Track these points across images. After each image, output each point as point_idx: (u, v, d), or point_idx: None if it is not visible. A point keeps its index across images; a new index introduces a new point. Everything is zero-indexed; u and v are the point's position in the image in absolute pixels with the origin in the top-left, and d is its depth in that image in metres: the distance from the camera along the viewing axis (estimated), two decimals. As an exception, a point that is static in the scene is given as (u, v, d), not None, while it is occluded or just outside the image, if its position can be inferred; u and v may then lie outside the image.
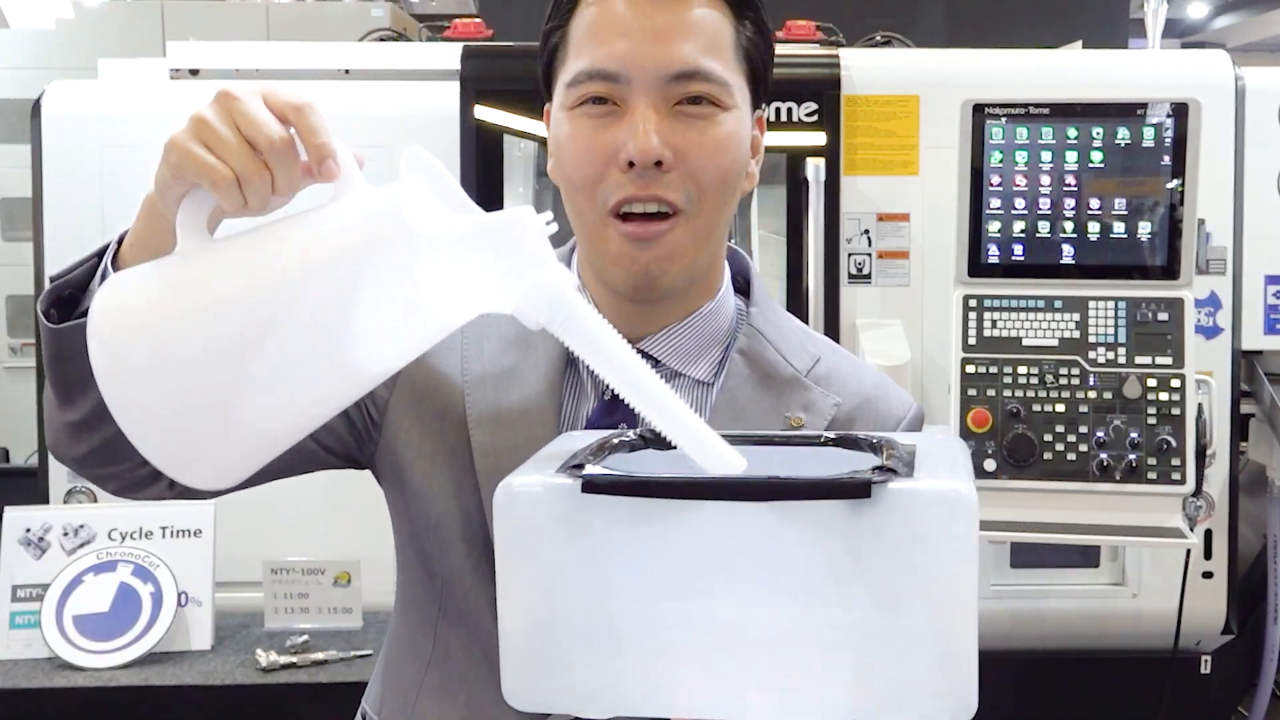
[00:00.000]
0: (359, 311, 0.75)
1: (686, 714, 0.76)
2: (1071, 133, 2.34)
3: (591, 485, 0.74)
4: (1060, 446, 2.30)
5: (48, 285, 0.90)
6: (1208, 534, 2.64)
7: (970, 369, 2.34)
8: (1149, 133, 2.32)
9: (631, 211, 0.98)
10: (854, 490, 0.71)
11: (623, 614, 0.75)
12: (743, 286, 1.14)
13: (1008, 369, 2.33)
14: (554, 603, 0.76)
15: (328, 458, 1.09)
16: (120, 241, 0.90)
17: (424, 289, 0.75)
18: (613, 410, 1.03)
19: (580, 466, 0.76)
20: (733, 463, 0.77)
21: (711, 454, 0.77)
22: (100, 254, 0.91)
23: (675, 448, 0.80)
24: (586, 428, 1.04)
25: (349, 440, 1.08)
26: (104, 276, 0.88)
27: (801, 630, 0.74)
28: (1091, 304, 2.33)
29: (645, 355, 1.03)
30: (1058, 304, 2.34)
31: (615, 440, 0.84)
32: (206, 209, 0.79)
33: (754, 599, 0.74)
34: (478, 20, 2.87)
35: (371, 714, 1.16)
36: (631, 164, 0.95)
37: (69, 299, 0.91)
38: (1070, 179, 2.35)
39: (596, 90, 0.97)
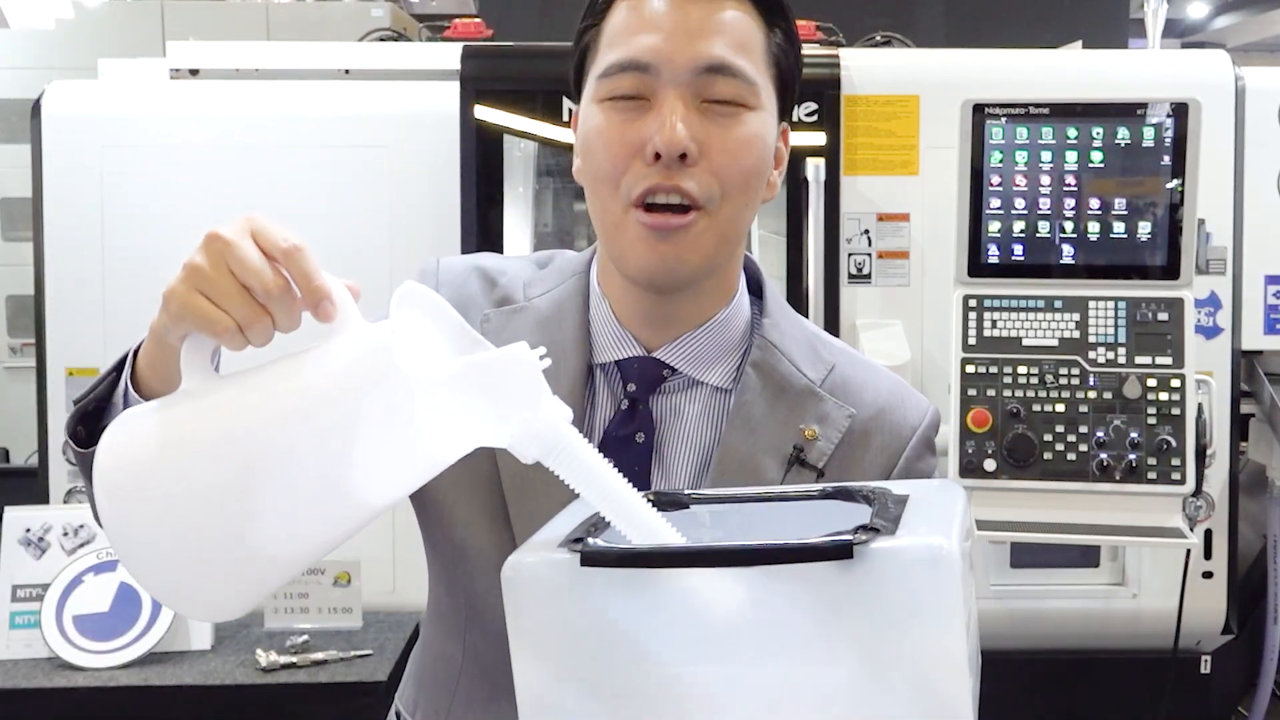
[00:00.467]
0: (356, 449, 0.77)
1: None
2: (1071, 133, 2.34)
3: (589, 559, 0.76)
4: (1060, 446, 2.30)
5: (71, 407, 0.91)
6: (1208, 534, 2.64)
7: (970, 369, 2.34)
8: (1149, 133, 2.32)
9: (654, 203, 0.97)
10: (836, 552, 0.72)
11: (626, 677, 0.78)
12: (756, 291, 1.14)
13: (1008, 369, 2.33)
14: (563, 669, 0.79)
15: None
16: (137, 352, 0.90)
17: (418, 427, 0.78)
18: (630, 419, 1.04)
19: (580, 540, 0.78)
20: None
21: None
22: (119, 367, 0.91)
23: (685, 508, 0.84)
24: (604, 436, 1.05)
25: None
26: (125, 392, 0.89)
27: (794, 687, 0.76)
28: (1091, 304, 2.33)
29: (662, 364, 1.05)
30: (1058, 304, 2.34)
31: None
32: (209, 348, 0.80)
33: (747, 658, 0.76)
34: (478, 20, 2.87)
35: (406, 715, 1.17)
36: (658, 156, 0.95)
37: (95, 411, 0.92)
38: (1070, 179, 2.35)
39: (627, 83, 0.98)
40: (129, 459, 0.79)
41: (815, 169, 2.59)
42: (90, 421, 0.91)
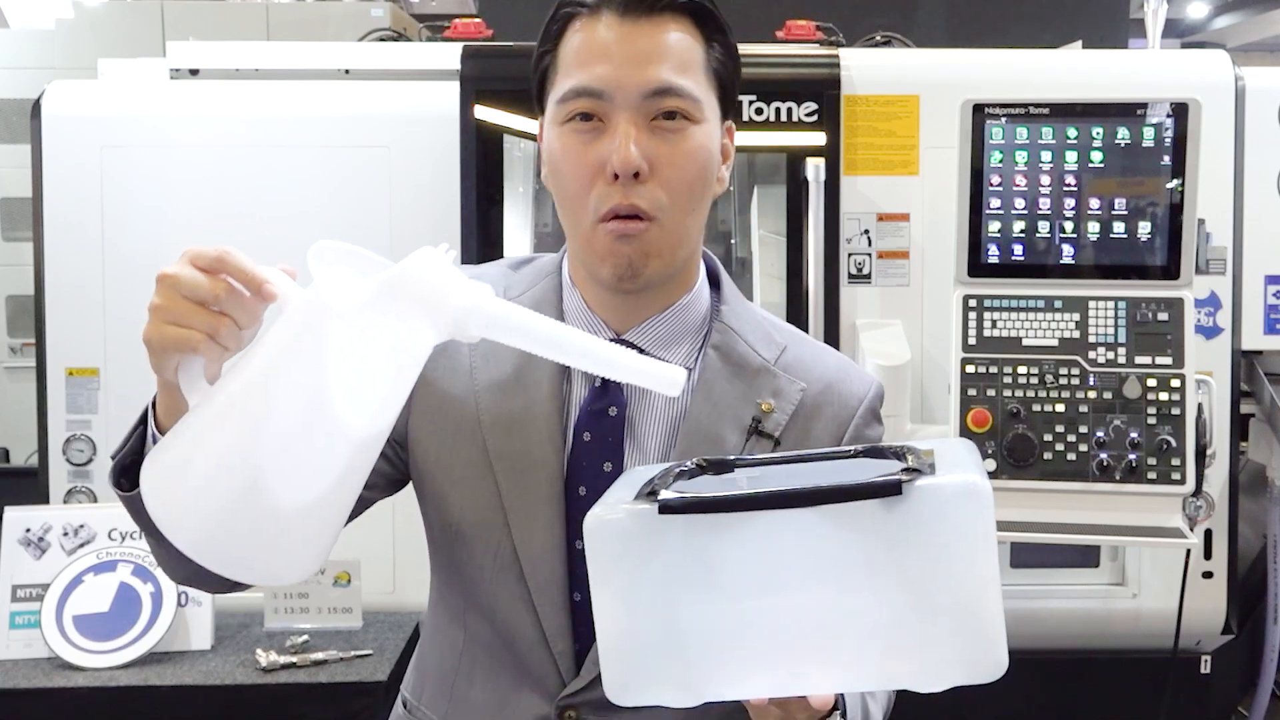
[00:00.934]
0: (324, 385, 0.88)
1: (760, 694, 0.90)
2: (1071, 133, 2.34)
3: (667, 507, 0.88)
4: (1060, 446, 2.30)
5: (110, 462, 1.03)
6: (1208, 534, 2.64)
7: (970, 369, 2.34)
8: (1149, 133, 2.32)
9: (616, 213, 1.10)
10: (888, 489, 0.85)
11: (700, 615, 0.89)
12: (714, 283, 1.25)
13: (1008, 369, 2.33)
14: (641, 611, 0.90)
15: (381, 494, 1.22)
16: (155, 406, 1.03)
17: (367, 349, 0.89)
18: (603, 394, 1.16)
19: (654, 493, 0.90)
20: (672, 376, 0.92)
21: (653, 375, 0.92)
22: (143, 420, 1.04)
23: (731, 471, 0.97)
24: (580, 413, 1.16)
25: (389, 471, 1.20)
26: (154, 436, 1.01)
27: (849, 615, 0.87)
28: (1091, 304, 2.33)
29: (629, 343, 1.16)
30: (1058, 304, 2.34)
31: (677, 470, 0.98)
32: (198, 367, 0.92)
33: (807, 590, 0.87)
34: (478, 20, 2.87)
35: (412, 701, 1.27)
36: (616, 175, 1.08)
37: (132, 464, 1.02)
38: (1070, 179, 2.35)
39: (583, 107, 1.10)
40: (164, 473, 0.91)
41: (815, 169, 2.59)
42: (130, 474, 1.02)
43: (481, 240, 2.62)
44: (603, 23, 1.10)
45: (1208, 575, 2.65)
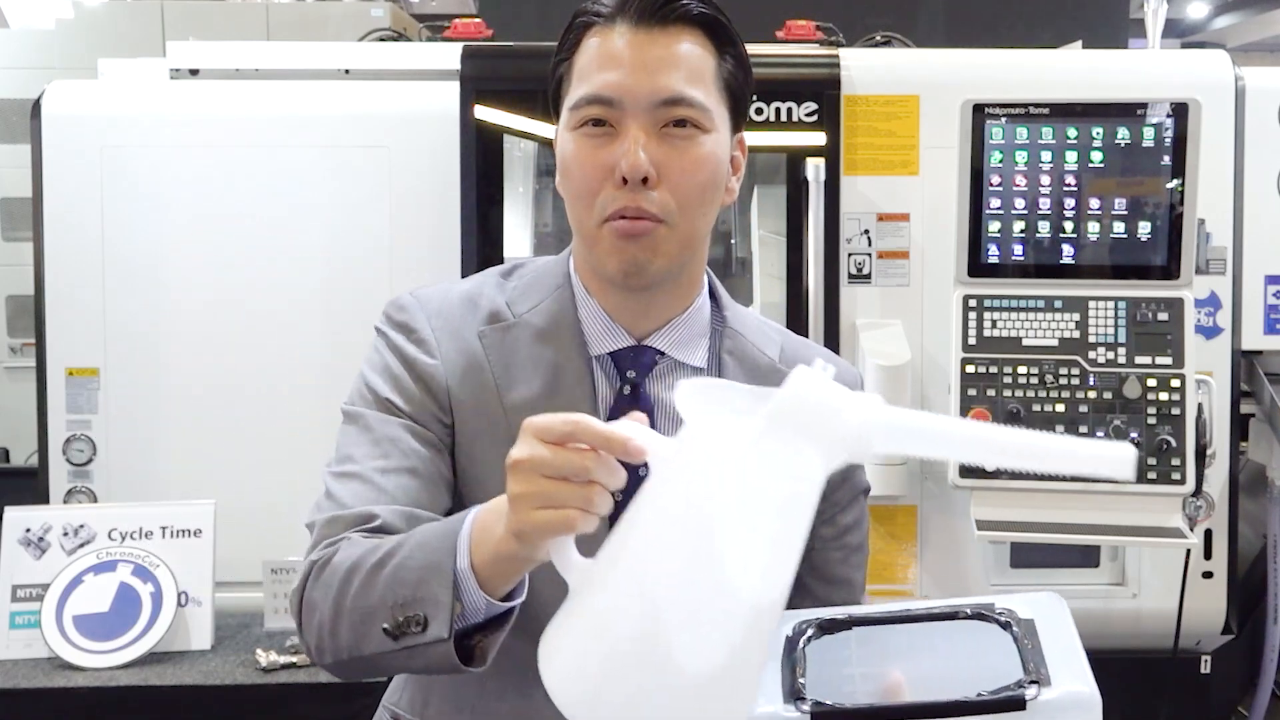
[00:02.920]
0: (726, 547, 0.80)
1: None
2: (1071, 133, 2.34)
3: (820, 716, 0.91)
4: (1060, 446, 2.29)
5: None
6: (1208, 534, 2.64)
7: (970, 369, 2.34)
8: (1149, 133, 2.32)
9: (622, 215, 1.12)
10: (1013, 705, 0.91)
11: None
12: (710, 287, 1.27)
13: (1008, 369, 2.33)
14: None
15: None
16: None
17: (761, 497, 0.80)
18: (633, 402, 1.16)
19: (802, 697, 0.92)
20: (1123, 456, 0.79)
21: (1105, 458, 0.80)
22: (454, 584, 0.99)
23: (848, 629, 0.98)
24: (608, 420, 1.08)
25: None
26: (457, 590, 0.98)
27: None
28: (1091, 304, 2.33)
29: (654, 350, 1.19)
30: (1058, 304, 2.34)
31: (799, 635, 0.99)
32: (569, 543, 0.88)
33: None
34: (478, 20, 2.87)
35: (407, 716, 1.22)
36: (625, 180, 1.10)
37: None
38: (1070, 179, 2.35)
39: (595, 113, 1.12)
40: (568, 663, 0.85)
41: (815, 169, 2.59)
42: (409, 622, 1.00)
43: (481, 240, 2.62)
44: (617, 32, 1.12)
45: (1208, 575, 2.65)
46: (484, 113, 2.61)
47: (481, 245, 2.61)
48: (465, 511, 1.01)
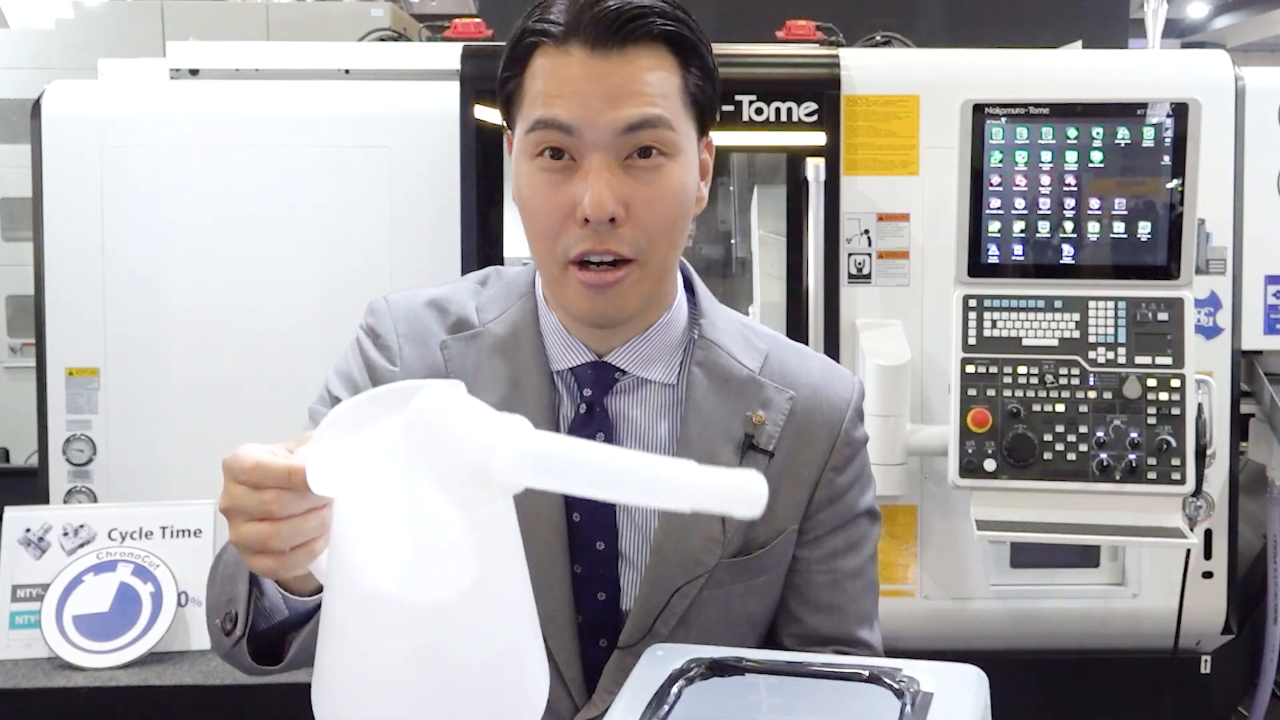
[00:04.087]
0: (382, 572, 0.79)
1: None
2: (1071, 133, 2.34)
3: None
4: (1060, 446, 2.29)
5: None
6: (1208, 534, 2.64)
7: (970, 369, 2.34)
8: (1149, 133, 2.32)
9: (589, 261, 1.05)
10: None
11: None
12: (689, 288, 1.22)
13: (1008, 369, 2.33)
14: None
15: None
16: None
17: (396, 507, 0.78)
18: (589, 421, 1.13)
19: None
20: (756, 493, 0.72)
21: (733, 493, 0.73)
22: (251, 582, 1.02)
23: (741, 674, 0.95)
24: (570, 434, 1.10)
25: None
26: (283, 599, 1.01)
27: None
28: (1091, 304, 2.33)
29: (614, 367, 1.14)
30: (1058, 304, 2.34)
31: (686, 675, 0.95)
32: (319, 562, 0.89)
33: None
34: (478, 20, 2.87)
35: None
36: (587, 220, 1.03)
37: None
38: (1070, 179, 2.35)
39: (553, 140, 1.04)
40: (329, 689, 0.85)
41: (815, 169, 2.59)
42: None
43: (481, 240, 2.62)
44: (572, 55, 1.03)
45: (1208, 575, 2.65)
46: (484, 113, 2.61)
47: (481, 245, 2.61)
48: None
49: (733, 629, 1.15)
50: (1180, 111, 2.31)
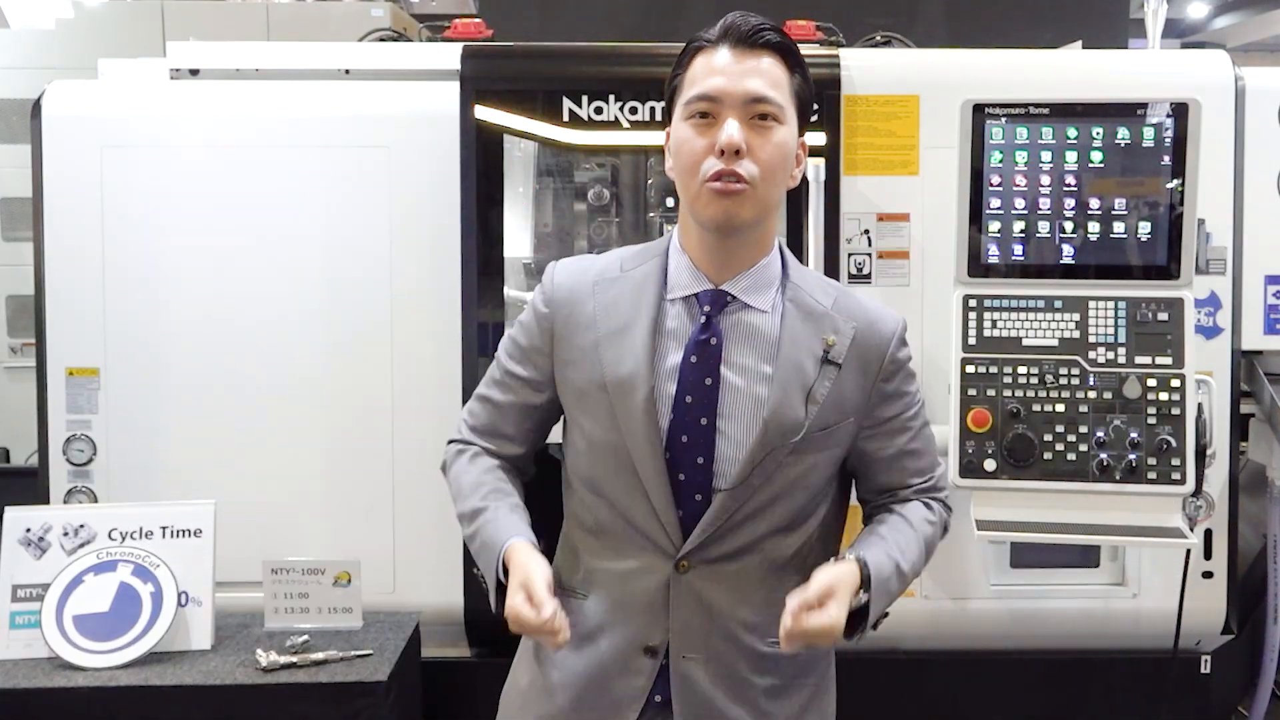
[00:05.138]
0: None
1: None
2: (1071, 133, 2.34)
3: None
4: (1060, 446, 2.29)
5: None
6: (1208, 534, 2.64)
7: (970, 369, 2.34)
8: (1149, 133, 2.32)
9: (719, 176, 1.51)
10: None
11: None
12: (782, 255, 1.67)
13: (1008, 369, 2.33)
14: None
15: (554, 423, 1.72)
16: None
17: None
18: (705, 328, 1.55)
19: None
20: None
21: None
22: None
23: None
24: (690, 341, 1.55)
25: (550, 408, 1.68)
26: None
27: None
28: (1091, 304, 2.33)
29: (726, 293, 1.57)
30: (1058, 304, 2.34)
31: None
32: None
33: None
34: (478, 20, 2.87)
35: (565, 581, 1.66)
36: (722, 151, 1.49)
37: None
38: (1070, 179, 2.35)
39: (703, 107, 1.52)
40: None
41: (815, 169, 2.59)
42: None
43: (481, 240, 2.62)
44: (719, 52, 1.53)
45: (1208, 575, 2.65)
46: (484, 113, 2.61)
47: (481, 245, 2.61)
48: (504, 545, 1.54)
49: (800, 488, 1.56)
50: (1180, 111, 2.31)
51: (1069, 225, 2.35)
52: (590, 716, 1.59)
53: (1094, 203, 2.34)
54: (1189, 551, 2.48)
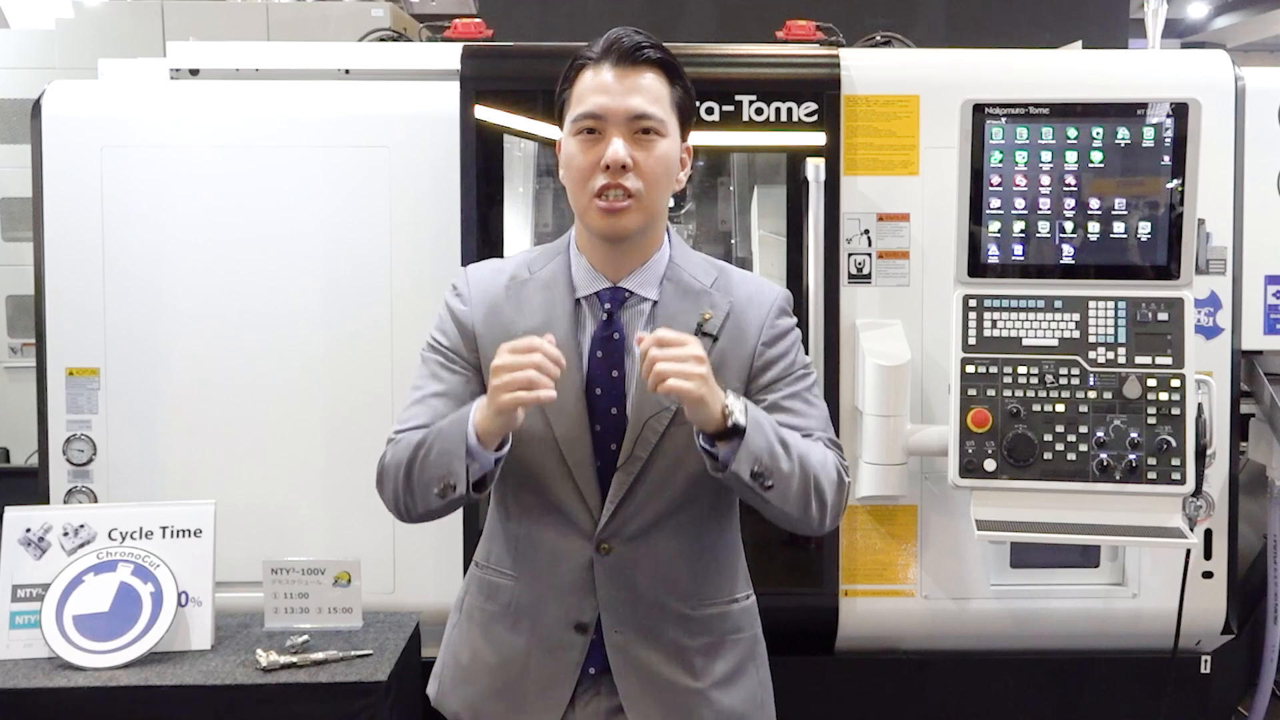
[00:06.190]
0: None
1: None
2: (1071, 133, 2.34)
3: None
4: (1060, 446, 2.29)
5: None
6: (1208, 534, 2.64)
7: (970, 369, 2.34)
8: (1149, 133, 2.32)
9: (606, 195, 1.63)
10: None
11: None
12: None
13: (1008, 369, 2.33)
14: None
15: None
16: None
17: None
18: (608, 325, 1.67)
19: None
20: None
21: None
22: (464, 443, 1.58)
23: None
24: (592, 338, 1.66)
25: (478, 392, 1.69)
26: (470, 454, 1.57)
27: None
28: (1091, 304, 2.33)
29: (623, 289, 1.68)
30: (1058, 304, 2.34)
31: None
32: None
33: None
34: (478, 20, 2.87)
35: (484, 563, 1.77)
36: (608, 167, 1.61)
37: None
38: (1070, 179, 2.35)
39: (589, 124, 1.63)
40: None
41: (815, 169, 2.59)
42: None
43: (481, 240, 2.62)
44: (603, 70, 1.64)
45: (1208, 575, 2.65)
46: (484, 113, 2.61)
47: (481, 245, 2.61)
48: (468, 405, 1.57)
49: (693, 456, 1.60)
50: (1180, 111, 2.31)
51: (1069, 225, 2.35)
52: (531, 688, 1.69)
53: (1094, 203, 2.34)
54: (1189, 551, 2.48)
